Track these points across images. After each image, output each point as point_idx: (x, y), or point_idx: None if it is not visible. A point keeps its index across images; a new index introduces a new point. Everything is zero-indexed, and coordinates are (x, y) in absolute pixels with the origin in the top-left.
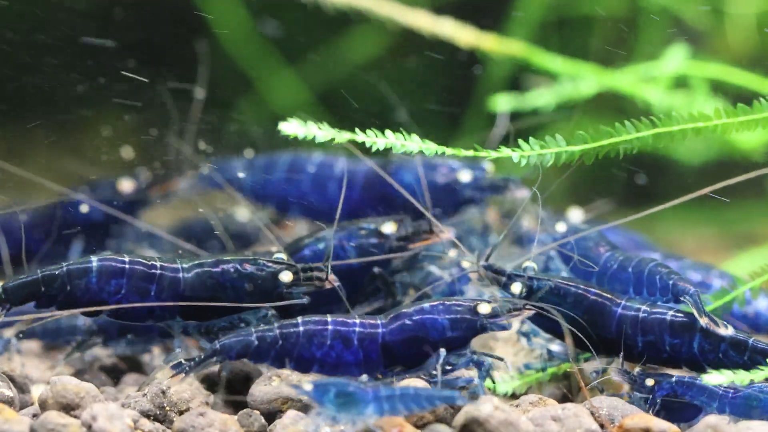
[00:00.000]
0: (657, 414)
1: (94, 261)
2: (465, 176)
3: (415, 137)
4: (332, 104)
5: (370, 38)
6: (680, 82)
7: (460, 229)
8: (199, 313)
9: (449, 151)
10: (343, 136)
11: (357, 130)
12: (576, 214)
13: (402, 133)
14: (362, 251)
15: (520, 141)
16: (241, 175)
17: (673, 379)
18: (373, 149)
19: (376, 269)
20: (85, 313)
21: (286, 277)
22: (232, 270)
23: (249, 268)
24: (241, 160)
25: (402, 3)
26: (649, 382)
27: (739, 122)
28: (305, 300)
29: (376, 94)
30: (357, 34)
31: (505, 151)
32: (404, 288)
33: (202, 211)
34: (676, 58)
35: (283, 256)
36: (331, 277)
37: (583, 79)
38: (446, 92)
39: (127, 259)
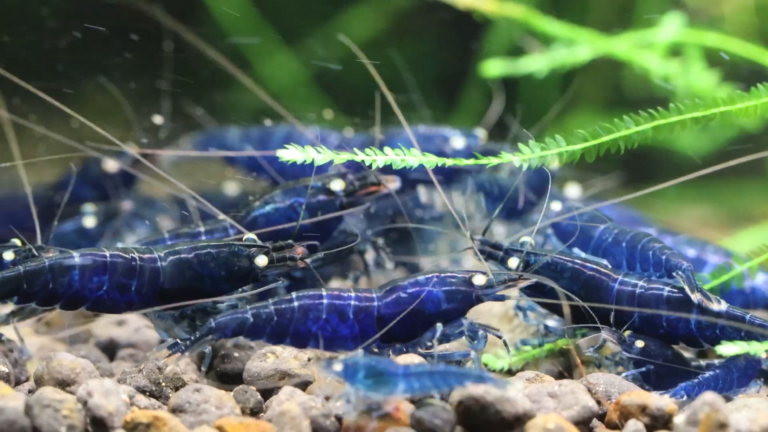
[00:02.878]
0: (647, 380)
1: (76, 257)
2: (458, 143)
3: (415, 151)
4: (328, 84)
5: (367, 18)
6: (676, 51)
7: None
8: (177, 301)
9: (449, 162)
10: (341, 157)
11: (356, 150)
12: (573, 190)
13: (403, 151)
14: (312, 211)
15: (520, 144)
16: (235, 143)
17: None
18: (373, 165)
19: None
20: (63, 308)
21: (261, 261)
22: (208, 258)
23: (225, 254)
24: (236, 130)
25: None
26: (639, 343)
27: (738, 109)
28: (281, 282)
29: (374, 72)
30: (354, 13)
31: (506, 156)
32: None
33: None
34: (671, 26)
35: (253, 237)
36: (300, 250)
37: (580, 45)
38: (444, 69)
39: (107, 253)
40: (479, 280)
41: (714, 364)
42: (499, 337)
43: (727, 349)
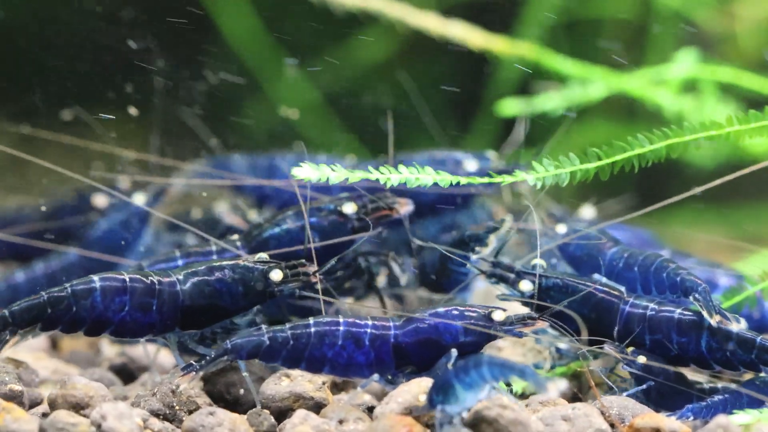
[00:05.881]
0: (647, 397)
1: (96, 280)
2: (470, 166)
3: (429, 170)
4: (340, 106)
5: (379, 40)
6: (690, 86)
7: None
8: (198, 321)
9: (463, 180)
10: (356, 175)
11: (370, 168)
12: (588, 212)
13: (416, 168)
14: (324, 233)
15: (534, 163)
16: (241, 171)
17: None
18: (388, 184)
19: (362, 262)
20: (87, 333)
21: (276, 276)
22: (226, 276)
23: (241, 270)
24: (243, 158)
25: (412, 4)
26: (641, 359)
27: (752, 129)
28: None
29: (386, 94)
30: (366, 35)
31: (521, 175)
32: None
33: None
34: (685, 62)
35: (265, 256)
36: (312, 268)
37: (593, 82)
38: (456, 93)
39: (126, 276)
40: (498, 315)
41: (717, 387)
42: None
43: (740, 418)
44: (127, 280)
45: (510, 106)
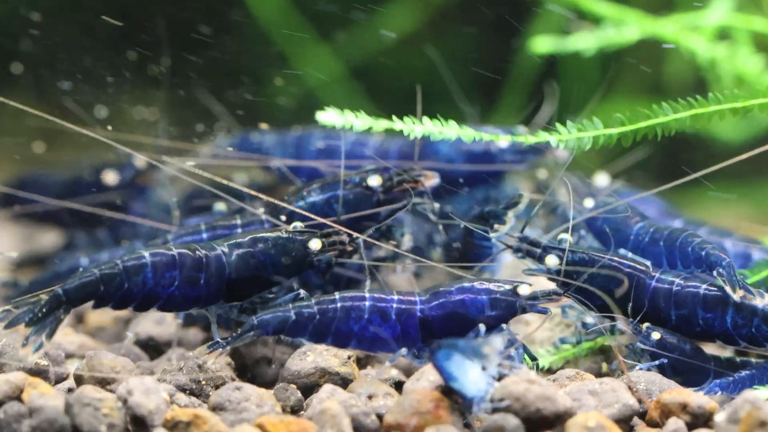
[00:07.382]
0: (662, 373)
1: (147, 256)
2: (502, 142)
3: (452, 123)
4: (367, 79)
5: (406, 13)
6: (724, 35)
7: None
8: (242, 293)
9: (486, 135)
10: (380, 124)
11: (394, 117)
12: (602, 179)
13: (439, 120)
14: (350, 206)
15: (558, 125)
16: (271, 148)
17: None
18: (411, 136)
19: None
20: (137, 309)
21: (315, 245)
22: (270, 246)
23: (282, 240)
24: (273, 134)
25: None
26: (655, 335)
27: None
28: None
29: (412, 69)
30: (393, 9)
31: (543, 136)
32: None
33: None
34: (720, 9)
35: (301, 225)
36: (346, 238)
37: (627, 25)
38: (484, 67)
39: (175, 251)
40: (524, 290)
41: (735, 361)
42: (534, 359)
43: (766, 393)
44: (176, 255)
45: (543, 44)
